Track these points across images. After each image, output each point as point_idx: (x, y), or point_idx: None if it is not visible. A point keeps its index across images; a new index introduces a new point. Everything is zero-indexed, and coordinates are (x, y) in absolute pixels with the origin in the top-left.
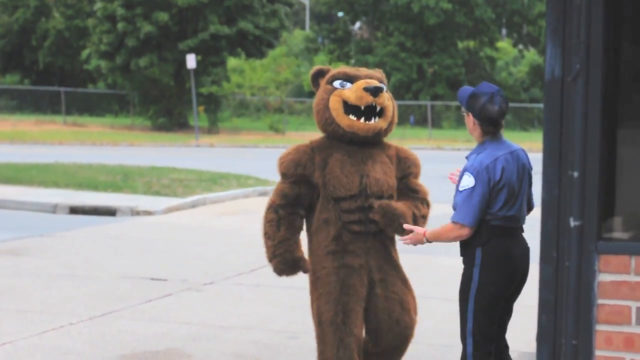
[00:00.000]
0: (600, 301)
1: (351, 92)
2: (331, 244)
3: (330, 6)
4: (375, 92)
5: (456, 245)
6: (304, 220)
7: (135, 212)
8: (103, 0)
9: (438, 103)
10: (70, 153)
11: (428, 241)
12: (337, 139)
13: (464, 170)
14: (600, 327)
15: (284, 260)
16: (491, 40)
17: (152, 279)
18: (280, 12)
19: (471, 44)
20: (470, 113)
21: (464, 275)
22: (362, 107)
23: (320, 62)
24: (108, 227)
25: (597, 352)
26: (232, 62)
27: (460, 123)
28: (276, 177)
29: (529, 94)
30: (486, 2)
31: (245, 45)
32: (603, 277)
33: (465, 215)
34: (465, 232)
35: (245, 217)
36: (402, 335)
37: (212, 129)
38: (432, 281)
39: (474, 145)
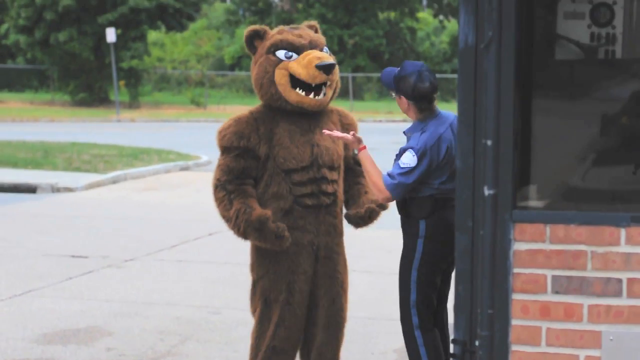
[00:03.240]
0: (515, 270)
1: (301, 67)
2: (281, 220)
3: None
4: (329, 70)
5: (380, 218)
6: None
7: (55, 189)
8: None
9: (359, 75)
10: None
11: (355, 154)
12: (281, 111)
13: (409, 147)
14: (516, 296)
15: (247, 225)
16: (412, 10)
17: (73, 256)
18: None
19: (392, 14)
20: (402, 96)
21: (405, 246)
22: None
23: (241, 34)
24: (28, 204)
25: (514, 321)
26: (152, 35)
27: (382, 95)
28: (198, 152)
29: (450, 64)
30: None
31: (166, 19)
32: (518, 246)
33: (396, 189)
34: (387, 200)
35: (167, 192)
36: (338, 315)
37: (133, 103)
38: (353, 253)
39: (395, 116)
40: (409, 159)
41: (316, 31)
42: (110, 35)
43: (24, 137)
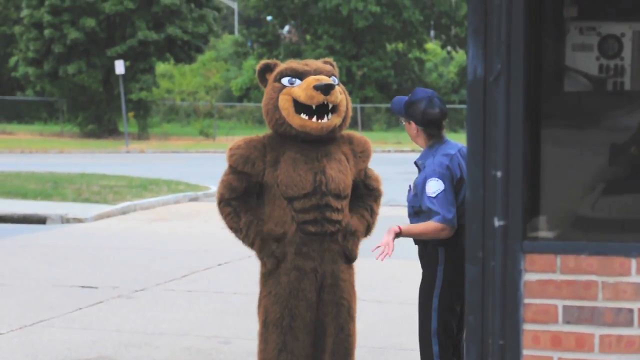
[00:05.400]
0: (526, 300)
1: (301, 90)
2: (285, 244)
3: (259, 10)
4: (326, 90)
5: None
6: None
7: (65, 220)
8: (30, 7)
9: (368, 105)
10: None
11: (401, 236)
12: (289, 138)
13: (426, 176)
14: (527, 327)
15: (257, 235)
16: (419, 42)
17: (83, 286)
18: (208, 17)
19: (400, 46)
20: (411, 121)
21: (425, 274)
22: (314, 106)
23: (249, 66)
24: (38, 235)
25: (525, 352)
26: (161, 67)
27: (390, 125)
28: (206, 182)
29: (459, 95)
30: (414, 4)
31: (174, 51)
32: (529, 277)
33: (450, 216)
34: (452, 231)
35: (176, 222)
36: (347, 342)
37: (142, 134)
38: (362, 282)
39: (404, 146)
40: (436, 186)
41: (331, 66)
42: (119, 67)
43: (34, 168)
